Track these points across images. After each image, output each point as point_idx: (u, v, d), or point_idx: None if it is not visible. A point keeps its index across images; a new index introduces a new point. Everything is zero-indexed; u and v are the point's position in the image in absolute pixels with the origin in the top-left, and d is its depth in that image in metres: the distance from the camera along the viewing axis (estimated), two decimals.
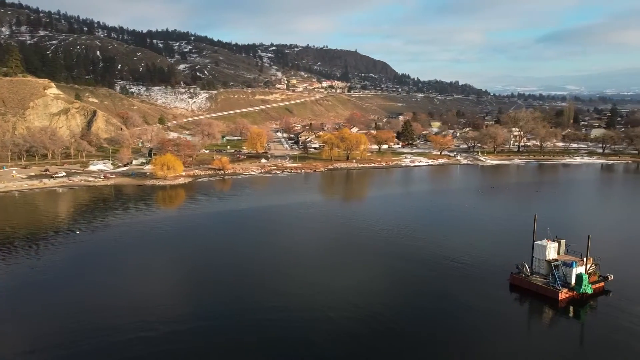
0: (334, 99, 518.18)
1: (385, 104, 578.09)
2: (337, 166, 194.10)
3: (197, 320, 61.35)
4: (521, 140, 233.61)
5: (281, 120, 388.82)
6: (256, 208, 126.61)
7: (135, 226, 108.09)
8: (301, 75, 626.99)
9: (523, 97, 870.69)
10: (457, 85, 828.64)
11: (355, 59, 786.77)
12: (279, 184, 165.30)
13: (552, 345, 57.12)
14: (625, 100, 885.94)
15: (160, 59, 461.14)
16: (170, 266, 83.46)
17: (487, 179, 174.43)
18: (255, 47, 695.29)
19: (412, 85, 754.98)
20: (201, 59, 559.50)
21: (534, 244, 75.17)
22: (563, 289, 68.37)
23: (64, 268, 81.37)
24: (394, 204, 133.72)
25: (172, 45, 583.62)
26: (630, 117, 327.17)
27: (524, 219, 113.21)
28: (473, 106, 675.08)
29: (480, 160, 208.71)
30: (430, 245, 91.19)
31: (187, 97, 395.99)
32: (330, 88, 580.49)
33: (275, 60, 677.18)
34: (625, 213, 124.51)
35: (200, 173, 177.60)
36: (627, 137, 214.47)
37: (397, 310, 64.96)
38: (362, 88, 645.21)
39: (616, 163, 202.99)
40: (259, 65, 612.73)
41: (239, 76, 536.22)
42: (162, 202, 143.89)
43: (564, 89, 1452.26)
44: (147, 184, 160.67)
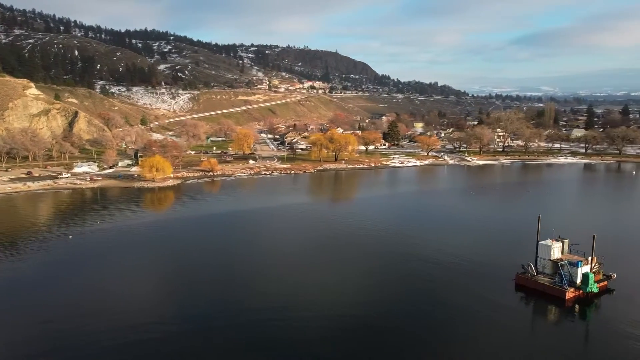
0: (316, 99, 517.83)
1: (366, 105, 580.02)
2: (326, 167, 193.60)
3: (188, 322, 61.08)
4: (506, 141, 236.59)
5: (265, 121, 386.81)
6: (249, 210, 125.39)
7: (126, 229, 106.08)
8: (282, 76, 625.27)
9: (500, 97, 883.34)
10: (436, 86, 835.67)
11: (335, 59, 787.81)
12: (270, 186, 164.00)
13: (562, 343, 57.81)
14: (599, 101, 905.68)
15: (141, 59, 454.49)
16: (163, 268, 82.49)
17: (477, 179, 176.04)
18: (236, 48, 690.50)
19: (392, 86, 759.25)
20: (181, 59, 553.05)
21: (539, 243, 75.78)
22: (570, 288, 69.10)
23: (57, 272, 79.41)
24: (390, 204, 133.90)
25: (151, 45, 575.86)
26: (607, 118, 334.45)
27: (521, 219, 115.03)
28: (453, 107, 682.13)
29: (467, 161, 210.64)
30: (431, 247, 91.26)
31: (169, 97, 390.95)
32: (311, 89, 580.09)
33: (256, 60, 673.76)
34: (619, 211, 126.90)
35: (189, 175, 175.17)
36: (609, 138, 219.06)
37: (401, 310, 64.93)
38: (343, 89, 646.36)
39: (599, 163, 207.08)
40: (240, 66, 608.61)
41: (220, 76, 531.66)
42: (152, 204, 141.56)
43: (539, 90, 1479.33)
44: (136, 186, 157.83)
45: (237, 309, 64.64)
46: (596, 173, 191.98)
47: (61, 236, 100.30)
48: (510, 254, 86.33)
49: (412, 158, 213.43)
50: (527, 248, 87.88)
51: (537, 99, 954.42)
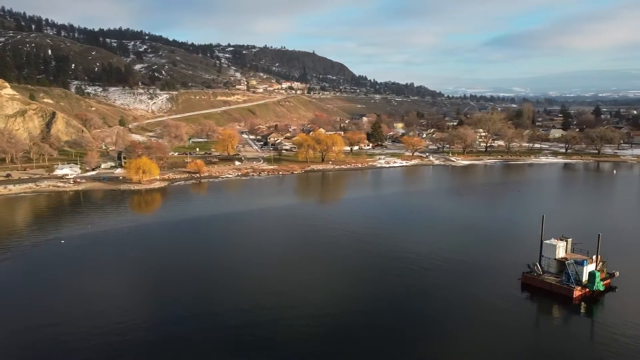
0: (295, 100, 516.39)
1: (345, 105, 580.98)
2: (314, 168, 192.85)
3: (171, 324, 60.93)
4: (488, 141, 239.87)
5: (245, 122, 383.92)
6: (239, 212, 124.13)
7: (118, 233, 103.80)
8: (260, 76, 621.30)
9: (475, 98, 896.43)
10: (412, 87, 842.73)
11: (313, 60, 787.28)
12: (258, 187, 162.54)
13: (574, 341, 59.07)
14: (569, 102, 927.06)
15: (117, 59, 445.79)
16: (155, 270, 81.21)
17: (464, 179, 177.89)
18: (213, 48, 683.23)
19: (369, 87, 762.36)
20: (157, 59, 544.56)
21: (544, 243, 76.61)
22: (577, 286, 70.01)
23: (51, 276, 77.27)
24: (385, 205, 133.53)
25: (126, 44, 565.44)
26: (581, 118, 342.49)
27: (518, 218, 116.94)
28: (429, 107, 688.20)
29: (451, 161, 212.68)
30: (431, 248, 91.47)
31: (147, 97, 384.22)
32: (290, 89, 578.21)
33: (233, 60, 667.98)
34: (611, 209, 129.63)
35: (175, 176, 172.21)
36: (588, 138, 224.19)
37: (405, 311, 64.94)
38: (321, 89, 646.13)
39: (579, 162, 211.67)
40: (217, 66, 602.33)
41: (197, 77, 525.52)
42: (141, 207, 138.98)
43: (511, 91, 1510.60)
44: (122, 188, 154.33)
45: (223, 310, 64.60)
46: (579, 172, 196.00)
47: (52, 240, 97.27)
48: (512, 254, 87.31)
49: (398, 158, 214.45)
50: (527, 247, 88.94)
51: (510, 99, 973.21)
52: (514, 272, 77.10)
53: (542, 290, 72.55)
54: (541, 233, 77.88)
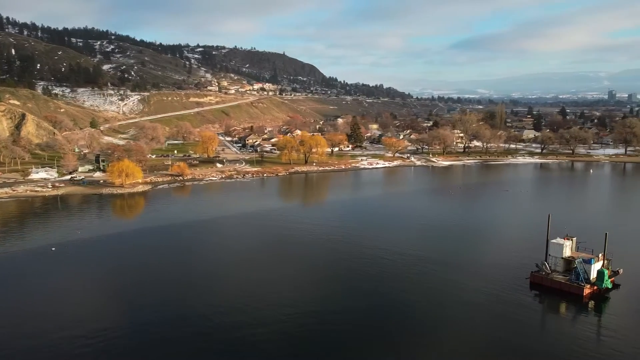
0: (268, 101, 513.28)
1: (317, 107, 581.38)
2: (297, 170, 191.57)
3: (144, 328, 60.53)
4: (466, 142, 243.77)
5: (220, 123, 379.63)
6: (227, 216, 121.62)
7: (109, 238, 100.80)
8: (231, 77, 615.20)
9: (443, 100, 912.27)
10: (381, 88, 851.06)
11: (283, 61, 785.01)
12: (244, 190, 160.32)
13: (588, 337, 60.69)
14: (531, 103, 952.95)
15: (84, 59, 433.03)
16: (144, 276, 78.51)
17: (448, 180, 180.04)
18: (182, 48, 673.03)
19: (340, 88, 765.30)
20: (125, 59, 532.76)
21: (550, 242, 77.86)
22: (586, 284, 71.38)
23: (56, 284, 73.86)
24: (376, 206, 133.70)
25: (92, 44, 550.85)
26: (552, 119, 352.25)
27: (514, 218, 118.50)
28: (399, 109, 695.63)
29: (432, 162, 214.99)
30: (432, 249, 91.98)
31: (117, 99, 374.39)
32: (262, 90, 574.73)
33: (203, 61, 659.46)
34: (601, 207, 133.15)
35: (158, 179, 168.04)
36: (563, 138, 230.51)
37: (413, 312, 65.28)
38: (292, 91, 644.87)
39: (554, 162, 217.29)
40: (187, 67, 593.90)
41: (167, 77, 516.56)
42: (127, 211, 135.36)
43: (475, 92, 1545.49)
44: (104, 192, 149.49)
45: (205, 313, 64.26)
46: (557, 172, 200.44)
47: (43, 248, 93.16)
48: (513, 254, 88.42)
49: (380, 159, 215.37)
50: (528, 247, 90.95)
51: (476, 101, 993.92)
52: (519, 272, 78.14)
53: (551, 289, 73.60)
54: (547, 232, 79.16)
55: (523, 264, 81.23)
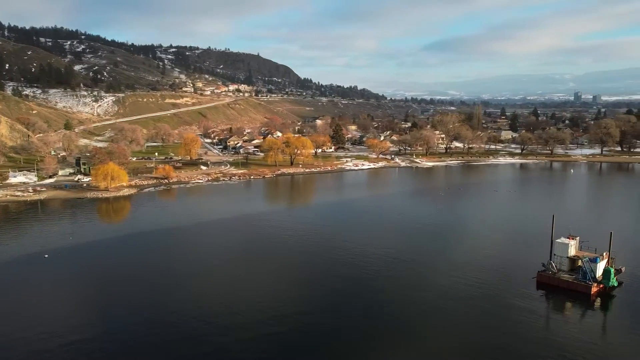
0: (245, 102, 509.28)
1: (293, 108, 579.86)
2: (284, 172, 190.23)
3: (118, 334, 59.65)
4: (448, 143, 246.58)
5: (198, 125, 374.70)
6: (219, 220, 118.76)
7: (101, 244, 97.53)
8: (206, 78, 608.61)
9: (416, 101, 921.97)
10: (356, 89, 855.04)
11: (258, 62, 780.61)
12: (233, 192, 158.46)
13: (601, 333, 62.08)
14: (501, 104, 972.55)
15: (55, 59, 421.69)
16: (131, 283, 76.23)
17: (435, 180, 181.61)
18: (154, 49, 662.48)
19: (315, 90, 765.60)
20: (97, 60, 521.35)
21: (555, 242, 78.85)
22: (594, 283, 72.54)
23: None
24: (368, 207, 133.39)
25: (62, 44, 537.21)
26: (527, 120, 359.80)
27: (508, 218, 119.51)
28: (374, 110, 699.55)
29: (416, 163, 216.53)
30: (434, 250, 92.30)
31: (91, 100, 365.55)
32: (237, 92, 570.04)
33: (177, 62, 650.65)
34: (593, 206, 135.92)
35: (143, 182, 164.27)
36: (542, 139, 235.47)
37: (423, 313, 65.50)
38: (268, 92, 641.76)
39: (535, 162, 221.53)
40: (161, 68, 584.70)
41: (141, 78, 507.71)
42: (113, 216, 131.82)
43: (447, 94, 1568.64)
44: (88, 196, 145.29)
45: (189, 318, 63.45)
46: (539, 172, 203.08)
47: (35, 255, 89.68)
48: (515, 254, 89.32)
49: (365, 161, 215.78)
50: (529, 247, 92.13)
51: (448, 102, 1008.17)
52: (524, 272, 78.89)
53: (559, 288, 74.49)
54: (551, 232, 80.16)
55: (526, 263, 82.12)
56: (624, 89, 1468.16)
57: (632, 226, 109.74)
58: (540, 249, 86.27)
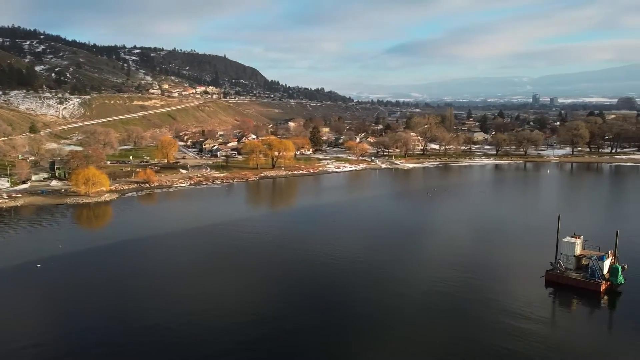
0: (214, 105, 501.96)
1: (263, 110, 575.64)
2: (267, 175, 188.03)
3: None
4: (425, 145, 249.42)
5: (167, 127, 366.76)
6: (208, 225, 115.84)
7: (93, 252, 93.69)
8: (172, 80, 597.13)
9: (382, 103, 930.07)
10: (323, 92, 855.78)
11: (225, 64, 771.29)
12: (218, 196, 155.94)
13: (616, 329, 63.63)
14: (464, 106, 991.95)
15: (15, 59, 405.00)
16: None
17: (419, 181, 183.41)
18: (118, 49, 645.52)
19: (282, 92, 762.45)
20: (59, 61, 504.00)
21: (562, 241, 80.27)
22: (603, 281, 74.16)
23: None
24: (359, 209, 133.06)
25: (21, 44, 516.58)
26: (495, 122, 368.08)
27: (503, 218, 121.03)
28: (342, 112, 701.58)
29: (396, 164, 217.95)
30: (437, 251, 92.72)
31: (56, 102, 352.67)
32: (205, 94, 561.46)
33: (141, 63, 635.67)
34: (580, 205, 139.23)
35: (124, 187, 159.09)
36: (517, 140, 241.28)
37: (434, 314, 65.36)
38: (236, 94, 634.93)
39: (510, 163, 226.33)
40: (126, 69, 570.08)
41: (105, 80, 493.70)
42: (97, 222, 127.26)
43: (409, 96, 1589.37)
44: (68, 202, 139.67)
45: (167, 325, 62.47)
46: (517, 172, 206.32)
47: (27, 265, 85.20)
48: (518, 253, 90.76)
49: (346, 163, 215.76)
50: (530, 246, 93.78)
51: (413, 104, 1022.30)
52: (531, 271, 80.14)
53: (567, 286, 75.81)
54: (557, 231, 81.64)
55: (530, 263, 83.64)
56: (577, 92, 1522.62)
57: (624, 224, 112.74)
58: (540, 249, 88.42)
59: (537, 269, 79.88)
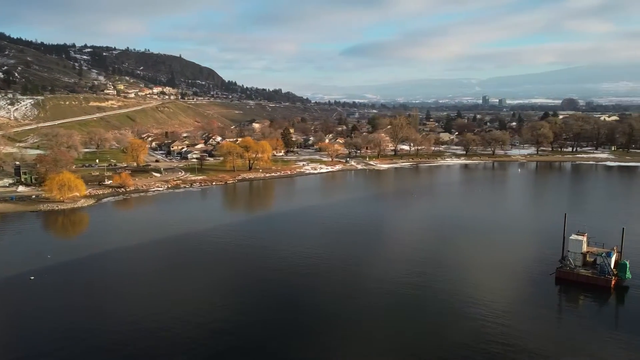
0: (173, 106, 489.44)
1: (222, 111, 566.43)
2: (245, 177, 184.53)
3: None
4: (396, 145, 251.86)
5: (127, 129, 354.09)
6: (199, 231, 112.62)
7: (86, 261, 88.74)
8: (127, 80, 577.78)
9: (340, 104, 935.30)
10: (281, 92, 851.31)
11: (180, 64, 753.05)
12: (202, 200, 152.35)
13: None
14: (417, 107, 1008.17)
15: None
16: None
17: (398, 182, 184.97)
18: (68, 48, 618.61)
19: (240, 93, 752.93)
20: (5, 59, 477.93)
21: (570, 239, 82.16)
22: (612, 277, 76.44)
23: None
24: (358, 212, 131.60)
25: None
26: (457, 123, 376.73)
27: (499, 218, 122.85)
28: (302, 113, 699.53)
29: (371, 165, 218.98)
30: (441, 252, 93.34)
31: (6, 103, 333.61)
32: (162, 94, 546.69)
33: (93, 63, 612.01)
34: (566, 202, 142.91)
35: (99, 192, 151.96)
36: (485, 140, 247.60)
37: (450, 316, 65.03)
38: (194, 95, 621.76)
39: (480, 162, 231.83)
40: (77, 69, 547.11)
41: (56, 80, 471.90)
42: (80, 229, 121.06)
43: (364, 97, 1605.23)
44: (42, 209, 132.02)
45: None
46: (490, 171, 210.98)
47: (19, 277, 79.56)
48: (520, 252, 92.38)
49: (322, 164, 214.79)
50: (532, 245, 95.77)
51: (370, 105, 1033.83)
52: (539, 269, 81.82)
53: (578, 283, 77.66)
54: (563, 229, 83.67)
55: (537, 260, 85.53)
56: (523, 93, 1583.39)
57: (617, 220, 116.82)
58: (541, 247, 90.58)
59: (545, 267, 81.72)
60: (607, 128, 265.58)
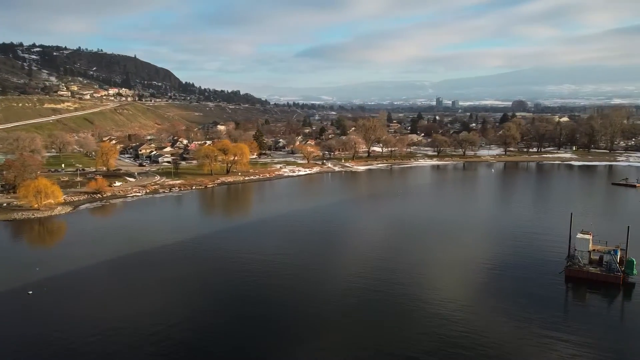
0: (132, 107, 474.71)
1: (182, 113, 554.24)
2: (224, 180, 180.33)
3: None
4: (370, 147, 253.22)
5: (85, 132, 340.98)
6: (191, 238, 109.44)
7: (81, 271, 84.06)
8: (80, 81, 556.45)
9: (299, 106, 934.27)
10: (239, 94, 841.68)
11: (135, 65, 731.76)
12: (186, 205, 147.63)
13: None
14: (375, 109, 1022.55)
15: None
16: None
17: (380, 183, 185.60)
18: (15, 47, 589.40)
19: (198, 94, 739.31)
20: None
21: (576, 237, 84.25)
22: (621, 274, 78.76)
23: None
24: (352, 215, 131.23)
25: None
26: (424, 125, 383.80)
27: (495, 218, 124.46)
28: (262, 114, 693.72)
29: (348, 167, 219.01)
30: (445, 252, 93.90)
31: None
32: (119, 96, 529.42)
33: (43, 63, 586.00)
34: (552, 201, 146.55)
35: (74, 199, 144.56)
36: (456, 141, 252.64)
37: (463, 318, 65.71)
38: (151, 96, 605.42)
39: (452, 163, 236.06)
40: (27, 69, 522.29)
41: (5, 80, 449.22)
42: (63, 238, 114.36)
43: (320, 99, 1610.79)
44: (18, 217, 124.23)
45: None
46: (464, 172, 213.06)
47: (16, 292, 74.25)
48: (522, 252, 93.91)
49: (299, 167, 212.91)
50: (532, 245, 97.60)
51: (328, 107, 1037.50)
52: (546, 268, 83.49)
53: (587, 280, 79.58)
54: (570, 228, 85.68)
55: (542, 260, 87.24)
56: (474, 95, 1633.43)
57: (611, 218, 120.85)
58: (543, 247, 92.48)
59: (552, 265, 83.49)
60: (569, 129, 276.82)
